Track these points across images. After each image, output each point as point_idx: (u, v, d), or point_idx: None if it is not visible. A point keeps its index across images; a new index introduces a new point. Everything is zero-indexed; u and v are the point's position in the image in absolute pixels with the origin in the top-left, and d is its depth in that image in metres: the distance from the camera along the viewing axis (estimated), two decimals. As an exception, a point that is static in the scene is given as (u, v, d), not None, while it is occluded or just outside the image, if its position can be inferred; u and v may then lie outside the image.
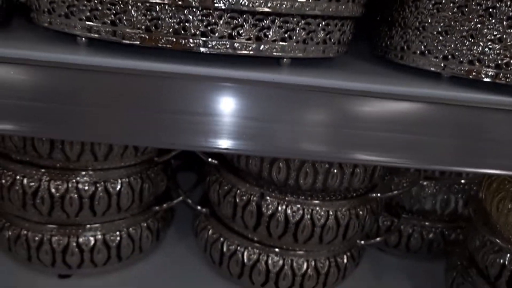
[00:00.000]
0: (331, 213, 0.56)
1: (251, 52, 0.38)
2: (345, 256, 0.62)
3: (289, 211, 0.55)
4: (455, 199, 0.70)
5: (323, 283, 0.61)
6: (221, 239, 0.61)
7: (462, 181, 0.69)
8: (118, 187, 0.57)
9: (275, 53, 0.38)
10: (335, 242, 0.58)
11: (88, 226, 0.58)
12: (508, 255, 0.54)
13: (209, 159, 0.60)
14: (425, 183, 0.70)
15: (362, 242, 0.64)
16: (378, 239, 0.66)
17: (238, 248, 0.60)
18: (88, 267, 0.60)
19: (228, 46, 0.37)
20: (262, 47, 0.38)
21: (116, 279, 0.62)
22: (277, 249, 0.58)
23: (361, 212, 0.58)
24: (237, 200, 0.57)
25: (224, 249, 0.60)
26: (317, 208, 0.56)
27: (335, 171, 0.54)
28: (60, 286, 0.59)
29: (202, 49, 0.37)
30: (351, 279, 0.67)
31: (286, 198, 0.55)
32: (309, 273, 0.59)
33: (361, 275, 0.69)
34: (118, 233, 0.60)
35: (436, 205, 0.70)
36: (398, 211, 0.70)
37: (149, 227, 0.63)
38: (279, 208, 0.56)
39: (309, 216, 0.56)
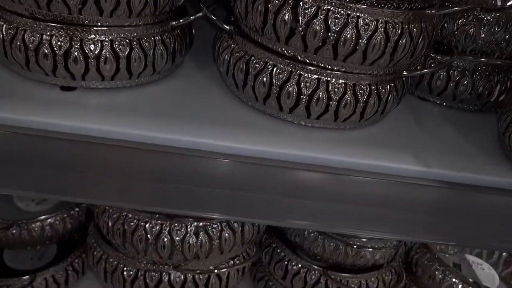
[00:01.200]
0: (380, 23, 0.47)
1: None
2: (388, 87, 0.53)
3: (330, 17, 0.46)
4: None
5: (360, 114, 0.53)
6: (246, 56, 0.53)
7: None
8: (128, -18, 0.48)
9: None
10: (380, 63, 0.49)
11: (94, 28, 0.50)
12: None
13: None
14: (485, 17, 0.59)
15: (405, 73, 0.55)
16: (425, 70, 0.57)
17: (266, 65, 0.51)
18: (93, 79, 0.53)
19: None
20: None
21: (125, 96, 0.54)
22: (311, 67, 0.50)
23: (415, 30, 0.49)
24: (269, 5, 0.48)
25: (250, 68, 0.52)
26: (365, 15, 0.46)
27: (390, -33, 0.44)
28: (63, 99, 0.52)
29: None
30: (391, 120, 0.60)
31: (328, 1, 0.46)
32: (346, 98, 0.51)
33: (402, 119, 0.61)
34: (128, 41, 0.52)
35: (495, 44, 0.60)
36: (451, 48, 0.60)
37: (164, 43, 0.55)
38: (319, 12, 0.46)
39: (354, 25, 0.46)
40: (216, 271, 0.68)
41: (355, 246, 0.71)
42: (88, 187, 0.53)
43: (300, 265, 0.74)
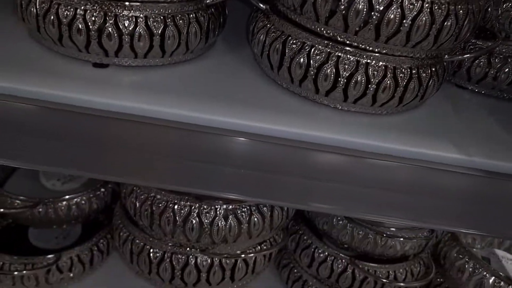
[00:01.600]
0: (426, 3, 0.45)
1: None
2: (429, 71, 0.51)
3: (374, -4, 0.44)
4: None
5: (399, 98, 0.51)
6: (283, 37, 0.51)
7: None
8: (165, -44, 0.47)
9: None
10: (423, 45, 0.48)
11: (128, 4, 0.49)
12: None
13: None
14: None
15: (447, 56, 0.53)
16: (467, 55, 0.55)
17: (304, 46, 0.50)
18: (126, 56, 0.52)
19: None
20: None
21: (157, 75, 0.53)
22: (351, 48, 0.48)
23: (461, 11, 0.47)
24: (309, -17, 0.46)
25: (286, 49, 0.51)
26: (409, -5, 0.44)
27: None
28: (95, 76, 0.51)
29: None
30: (428, 107, 0.58)
31: (373, -21, 0.44)
32: (386, 81, 0.49)
33: (439, 106, 0.60)
34: (162, 18, 0.51)
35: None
36: (494, 33, 0.58)
37: (198, 21, 0.54)
38: (362, -9, 0.44)
39: (398, 4, 0.44)
40: (243, 255, 0.67)
41: (384, 235, 0.69)
42: (117, 165, 0.52)
43: (327, 253, 0.73)
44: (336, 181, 0.51)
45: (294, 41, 0.50)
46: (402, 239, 0.69)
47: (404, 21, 0.45)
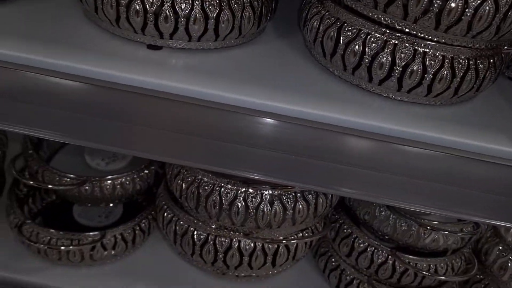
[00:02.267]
0: (491, -8, 0.44)
1: None
2: (487, 62, 0.50)
3: (437, -17, 0.44)
4: None
5: (455, 89, 0.50)
6: (338, 23, 0.51)
7: None
8: None
9: None
10: (484, 36, 0.47)
11: (185, -13, 0.49)
12: None
13: None
14: None
15: (506, 47, 0.52)
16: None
17: (359, 33, 0.49)
18: (181, 39, 0.52)
19: None
20: None
21: (209, 58, 0.54)
22: (408, 37, 0.47)
23: (526, 2, 0.46)
24: (369, -31, 0.46)
25: (341, 36, 0.50)
26: (475, -17, 0.43)
27: None
28: (149, 57, 0.52)
29: None
30: (482, 99, 0.57)
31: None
32: (443, 71, 0.48)
33: (493, 99, 0.58)
34: (218, 2, 0.51)
35: None
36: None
37: (252, 6, 0.54)
38: (425, -22, 0.44)
39: (462, -6, 0.44)
40: (285, 241, 0.67)
41: (429, 228, 0.68)
42: (166, 145, 0.53)
43: (367, 244, 0.73)
44: (386, 170, 0.51)
45: (350, 28, 0.50)
46: (446, 232, 0.68)
47: (467, 10, 0.44)
